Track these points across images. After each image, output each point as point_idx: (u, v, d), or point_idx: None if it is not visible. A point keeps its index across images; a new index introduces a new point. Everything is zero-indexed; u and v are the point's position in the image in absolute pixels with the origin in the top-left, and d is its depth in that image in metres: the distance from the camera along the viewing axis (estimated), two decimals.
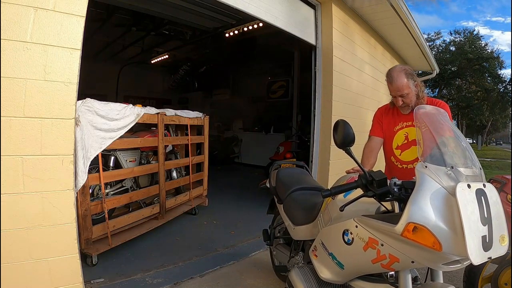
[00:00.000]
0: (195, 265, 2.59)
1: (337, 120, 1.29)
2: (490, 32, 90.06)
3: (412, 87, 1.81)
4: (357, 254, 1.20)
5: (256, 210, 4.25)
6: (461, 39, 22.43)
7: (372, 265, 1.16)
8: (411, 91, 1.80)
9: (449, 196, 1.01)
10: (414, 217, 0.99)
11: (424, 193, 1.02)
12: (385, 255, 1.10)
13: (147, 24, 6.04)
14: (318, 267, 1.43)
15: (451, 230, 0.98)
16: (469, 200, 0.99)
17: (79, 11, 1.79)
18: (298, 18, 3.86)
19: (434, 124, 1.20)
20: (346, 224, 1.25)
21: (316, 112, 4.09)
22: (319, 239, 1.45)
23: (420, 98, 1.83)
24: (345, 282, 1.36)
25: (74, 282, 1.84)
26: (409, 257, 1.06)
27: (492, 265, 1.82)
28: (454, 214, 0.97)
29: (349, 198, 1.26)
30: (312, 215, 1.66)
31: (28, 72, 1.64)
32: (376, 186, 1.12)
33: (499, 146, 43.30)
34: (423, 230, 0.98)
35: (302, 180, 2.06)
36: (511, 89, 21.47)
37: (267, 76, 9.09)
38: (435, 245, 0.97)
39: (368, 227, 1.16)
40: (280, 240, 2.22)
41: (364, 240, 1.17)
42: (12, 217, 1.62)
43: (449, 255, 1.00)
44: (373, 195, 1.14)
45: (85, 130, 2.19)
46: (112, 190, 2.92)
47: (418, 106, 1.30)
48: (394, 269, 1.14)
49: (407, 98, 1.81)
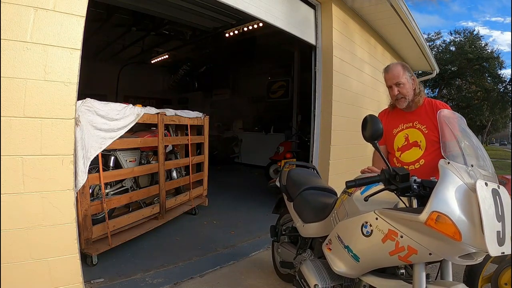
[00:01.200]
0: (195, 265, 2.59)
1: (366, 116, 1.35)
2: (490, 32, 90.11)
3: (409, 79, 1.80)
4: (375, 245, 1.24)
5: (256, 210, 4.25)
6: (461, 39, 22.42)
7: (389, 257, 1.20)
8: (407, 82, 1.79)
9: (469, 191, 1.08)
10: (438, 207, 1.05)
11: (447, 186, 1.09)
12: (403, 247, 1.15)
13: (147, 24, 6.04)
14: (332, 260, 1.46)
15: (470, 223, 1.04)
16: (487, 196, 1.06)
17: (79, 11, 1.79)
18: (298, 18, 3.86)
19: (457, 127, 1.29)
20: (366, 217, 1.29)
21: (316, 112, 4.09)
22: (335, 233, 1.48)
23: (417, 95, 1.81)
24: (358, 275, 1.38)
25: (74, 282, 1.84)
26: (428, 248, 1.10)
27: (492, 265, 1.82)
28: (473, 208, 1.05)
29: (366, 195, 1.31)
30: (323, 213, 1.71)
31: (28, 72, 1.64)
32: (398, 181, 1.18)
33: (503, 146, 42.13)
34: (445, 220, 1.04)
35: (312, 180, 2.12)
36: (511, 89, 21.48)
37: (267, 76, 9.09)
38: (455, 235, 1.03)
39: (389, 219, 1.20)
40: (285, 238, 2.27)
41: (383, 232, 1.21)
42: (12, 217, 1.62)
43: (467, 247, 1.05)
44: (395, 189, 1.20)
45: (85, 130, 2.19)
46: (112, 190, 2.92)
47: (441, 110, 1.37)
48: (410, 262, 1.17)
49: (403, 89, 1.79)
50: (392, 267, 1.30)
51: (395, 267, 1.28)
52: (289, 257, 2.06)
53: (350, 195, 1.47)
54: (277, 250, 2.34)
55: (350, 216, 1.41)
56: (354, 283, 1.49)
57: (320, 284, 1.50)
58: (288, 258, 2.07)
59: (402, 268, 1.26)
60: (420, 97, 1.82)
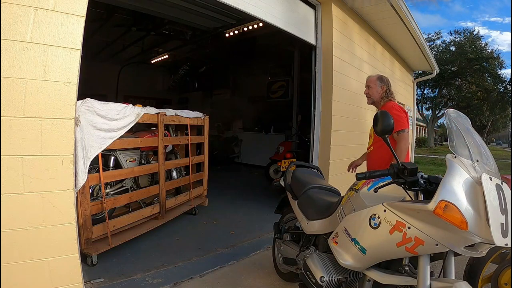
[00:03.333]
0: (195, 265, 2.59)
1: (377, 112, 1.44)
2: (489, 32, 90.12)
3: (378, 86, 2.49)
4: (383, 237, 1.28)
5: (256, 210, 4.25)
6: (461, 39, 22.44)
7: (396, 249, 1.24)
8: (375, 87, 2.50)
9: (475, 184, 1.14)
10: (446, 196, 1.10)
11: (454, 177, 1.15)
12: (411, 237, 1.19)
13: (147, 24, 6.03)
14: (339, 252, 1.49)
15: (476, 213, 1.10)
16: (491, 189, 1.12)
17: (79, 11, 1.79)
18: (298, 18, 3.86)
19: (463, 126, 1.36)
20: (374, 209, 1.33)
21: (316, 112, 4.09)
22: (342, 226, 1.52)
23: (382, 99, 2.49)
24: (364, 268, 1.41)
25: (74, 282, 1.84)
26: (434, 239, 1.15)
27: (492, 265, 1.83)
28: (478, 200, 1.11)
29: (375, 189, 1.36)
30: (328, 210, 1.75)
31: (28, 72, 1.64)
32: (407, 175, 1.24)
33: (499, 146, 43.49)
34: (453, 209, 1.09)
35: (317, 180, 2.17)
36: (511, 89, 21.48)
37: (267, 76, 9.09)
38: (462, 224, 1.08)
39: (397, 210, 1.25)
40: (288, 236, 2.30)
41: (391, 223, 1.25)
42: (12, 217, 1.62)
43: (473, 236, 1.10)
44: (404, 182, 1.25)
45: (85, 130, 2.19)
46: (112, 190, 2.92)
47: (452, 110, 1.45)
48: (417, 253, 1.21)
49: (370, 90, 2.53)
50: (397, 264, 1.32)
51: (400, 264, 1.30)
52: (292, 254, 2.10)
53: (357, 191, 1.51)
54: (279, 248, 2.36)
55: (357, 211, 1.44)
56: (358, 277, 1.51)
57: (326, 276, 1.52)
58: (291, 255, 2.10)
59: (406, 265, 1.28)
60: (382, 101, 2.48)
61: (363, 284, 1.45)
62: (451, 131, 1.33)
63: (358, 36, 4.75)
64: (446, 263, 1.25)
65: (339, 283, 1.53)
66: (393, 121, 1.40)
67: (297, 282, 1.98)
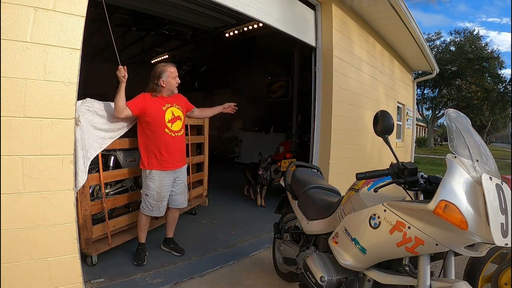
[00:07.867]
0: (195, 265, 2.59)
1: (377, 112, 1.41)
2: (487, 32, 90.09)
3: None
4: (383, 237, 1.28)
5: (256, 210, 4.25)
6: (461, 39, 22.44)
7: (396, 249, 1.24)
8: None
9: (475, 184, 1.14)
10: (446, 196, 1.10)
11: (454, 177, 1.15)
12: (411, 237, 1.19)
13: (147, 24, 6.03)
14: (339, 252, 1.49)
15: (476, 213, 1.10)
16: (491, 189, 1.12)
17: (79, 11, 1.80)
18: (298, 19, 3.85)
19: (463, 126, 1.36)
20: (375, 209, 1.33)
21: (316, 112, 4.09)
22: (342, 226, 1.52)
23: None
24: (364, 268, 1.41)
25: (74, 282, 1.84)
26: (434, 239, 1.15)
27: (492, 265, 1.82)
28: (478, 200, 1.11)
29: (375, 188, 1.36)
30: (328, 210, 1.75)
31: (28, 72, 1.64)
32: (407, 175, 1.24)
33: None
34: (453, 209, 1.09)
35: (317, 180, 2.16)
36: (511, 89, 21.48)
37: (267, 76, 9.07)
38: (462, 223, 1.08)
39: (397, 210, 1.25)
40: (288, 236, 2.30)
41: (391, 223, 1.25)
42: (12, 217, 1.63)
43: (473, 236, 1.10)
44: (404, 182, 1.26)
45: (85, 130, 2.19)
46: (112, 190, 2.92)
47: (452, 110, 1.44)
48: (417, 253, 1.21)
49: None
50: (397, 264, 1.32)
51: (400, 264, 1.30)
52: (292, 254, 2.09)
53: (357, 191, 1.50)
54: (279, 248, 2.36)
55: (357, 211, 1.44)
56: (358, 277, 1.51)
57: (326, 276, 1.52)
58: (291, 255, 2.10)
59: (406, 265, 1.28)
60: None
61: (363, 284, 1.45)
62: (451, 131, 1.33)
63: (358, 36, 4.75)
64: (446, 263, 1.25)
65: (339, 283, 1.53)
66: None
67: (297, 282, 1.99)
